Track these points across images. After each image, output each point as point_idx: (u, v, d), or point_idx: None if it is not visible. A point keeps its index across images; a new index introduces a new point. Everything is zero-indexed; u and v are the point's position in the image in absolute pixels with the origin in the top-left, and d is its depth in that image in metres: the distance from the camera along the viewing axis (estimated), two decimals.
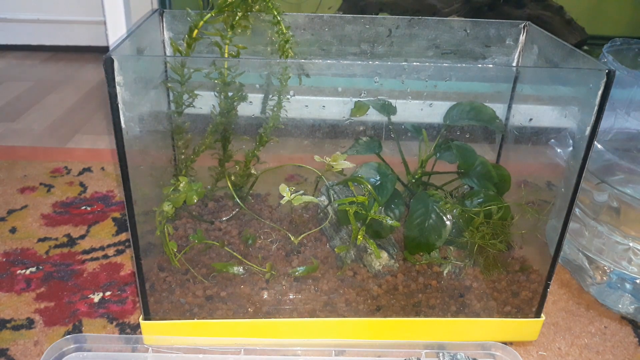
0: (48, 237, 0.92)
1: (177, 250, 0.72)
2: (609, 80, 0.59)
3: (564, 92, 0.72)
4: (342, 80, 0.64)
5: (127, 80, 0.57)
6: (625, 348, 0.75)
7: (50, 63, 1.75)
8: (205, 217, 0.82)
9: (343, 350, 0.70)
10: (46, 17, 1.77)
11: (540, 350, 0.73)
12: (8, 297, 0.79)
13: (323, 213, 0.81)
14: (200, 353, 0.69)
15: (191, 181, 0.70)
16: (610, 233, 0.79)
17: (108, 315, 0.77)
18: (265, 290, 0.72)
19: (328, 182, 0.78)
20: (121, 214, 0.99)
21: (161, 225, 0.69)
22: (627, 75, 0.77)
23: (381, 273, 0.73)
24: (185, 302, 0.70)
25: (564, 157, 0.75)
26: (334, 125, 0.72)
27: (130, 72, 0.58)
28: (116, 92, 0.55)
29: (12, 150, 1.20)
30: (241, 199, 0.81)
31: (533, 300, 0.72)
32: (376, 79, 0.64)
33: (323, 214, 0.81)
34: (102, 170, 1.13)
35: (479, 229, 0.72)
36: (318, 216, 0.81)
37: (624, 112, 0.81)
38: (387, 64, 0.66)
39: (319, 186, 0.80)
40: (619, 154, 0.80)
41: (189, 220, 0.80)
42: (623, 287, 0.79)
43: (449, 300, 0.73)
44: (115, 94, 0.55)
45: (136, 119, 0.62)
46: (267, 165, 0.79)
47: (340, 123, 0.72)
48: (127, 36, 0.63)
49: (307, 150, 0.73)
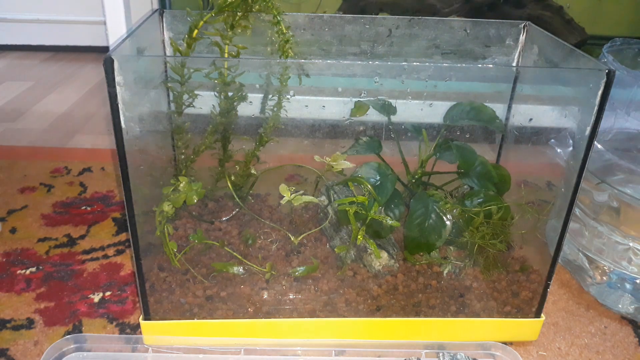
0: (48, 237, 0.92)
1: (177, 250, 0.72)
2: (608, 80, 0.59)
3: (564, 92, 0.72)
4: (342, 80, 0.64)
5: (127, 80, 0.57)
6: (625, 348, 0.75)
7: (51, 63, 1.75)
8: (205, 217, 0.82)
9: (343, 350, 0.70)
10: (46, 17, 1.78)
11: (540, 350, 0.73)
12: (8, 297, 0.79)
13: (323, 213, 0.81)
14: (200, 353, 0.69)
15: (191, 181, 0.70)
16: (610, 233, 0.79)
17: (108, 315, 0.77)
18: (265, 290, 0.72)
19: (328, 182, 0.78)
20: (121, 214, 0.99)
21: (161, 225, 0.69)
22: (627, 75, 0.77)
23: (381, 273, 0.73)
24: (185, 302, 0.70)
25: (564, 157, 0.75)
26: (334, 125, 0.72)
27: (130, 72, 0.58)
28: (116, 92, 0.55)
29: (12, 150, 1.20)
30: (241, 199, 0.81)
31: (533, 300, 0.72)
32: (376, 79, 0.64)
33: (323, 214, 0.81)
34: (102, 170, 1.13)
35: (479, 229, 0.72)
36: (318, 216, 0.81)
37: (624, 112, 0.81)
38: (387, 64, 0.66)
39: (319, 186, 0.80)
40: (619, 153, 0.80)
41: (189, 221, 0.80)
42: (623, 287, 0.79)
43: (449, 300, 0.73)
44: (115, 94, 0.55)
45: (136, 119, 0.62)
46: (267, 165, 0.79)
47: (340, 123, 0.72)
48: (127, 36, 0.63)
49: (307, 150, 0.73)
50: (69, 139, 1.27)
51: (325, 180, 0.77)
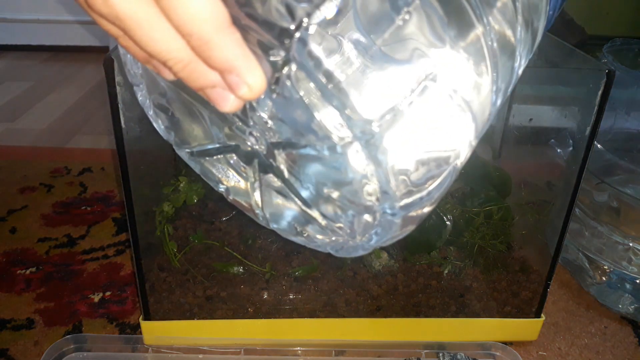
0: (48, 238, 0.92)
1: (177, 251, 0.72)
2: (609, 81, 0.59)
3: (564, 92, 0.72)
4: None
5: (127, 81, 0.57)
6: (625, 348, 0.75)
7: (50, 63, 1.75)
8: (205, 217, 0.82)
9: (343, 350, 0.70)
10: (46, 17, 1.77)
11: (540, 350, 0.73)
12: (8, 298, 0.79)
13: None
14: (201, 353, 0.69)
15: (191, 181, 0.70)
16: (610, 233, 0.79)
17: (108, 315, 0.77)
18: (265, 290, 0.72)
19: None
20: (121, 214, 0.99)
21: (161, 225, 0.69)
22: (627, 75, 0.77)
23: (381, 273, 0.72)
24: (185, 302, 0.70)
25: (564, 157, 0.75)
26: None
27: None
28: (116, 92, 0.55)
29: (12, 151, 1.20)
30: None
31: (533, 300, 0.72)
32: None
33: None
34: (102, 170, 1.13)
35: (479, 229, 0.72)
36: None
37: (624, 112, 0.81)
38: None
39: None
40: (619, 154, 0.80)
41: (188, 221, 0.80)
42: (623, 287, 0.79)
43: (449, 300, 0.73)
44: (115, 94, 0.55)
45: (136, 119, 0.62)
46: None
47: None
48: None
49: None
50: (69, 139, 1.26)
51: None
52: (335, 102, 0.30)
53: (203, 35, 0.29)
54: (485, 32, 0.33)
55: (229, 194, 0.46)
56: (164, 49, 0.30)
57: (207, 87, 0.32)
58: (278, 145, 0.38)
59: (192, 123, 0.43)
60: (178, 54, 0.30)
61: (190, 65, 0.30)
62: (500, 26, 0.35)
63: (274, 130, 0.37)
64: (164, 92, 0.43)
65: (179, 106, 0.43)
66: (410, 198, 0.34)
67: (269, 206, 0.44)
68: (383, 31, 0.30)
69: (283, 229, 0.45)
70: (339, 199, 0.37)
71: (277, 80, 0.31)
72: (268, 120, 0.36)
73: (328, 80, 0.29)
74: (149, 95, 0.44)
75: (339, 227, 0.40)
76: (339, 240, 0.41)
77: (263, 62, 0.31)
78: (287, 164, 0.38)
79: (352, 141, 0.32)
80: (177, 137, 0.46)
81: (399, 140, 0.31)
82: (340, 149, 0.33)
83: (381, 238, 0.38)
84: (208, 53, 0.29)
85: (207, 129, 0.43)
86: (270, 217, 0.44)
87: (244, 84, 0.30)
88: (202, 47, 0.29)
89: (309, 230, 0.42)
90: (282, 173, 0.39)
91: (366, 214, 0.36)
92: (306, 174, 0.38)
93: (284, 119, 0.35)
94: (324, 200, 0.38)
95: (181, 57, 0.30)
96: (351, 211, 0.37)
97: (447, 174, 0.34)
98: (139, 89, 0.44)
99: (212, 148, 0.44)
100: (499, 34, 0.34)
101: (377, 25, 0.30)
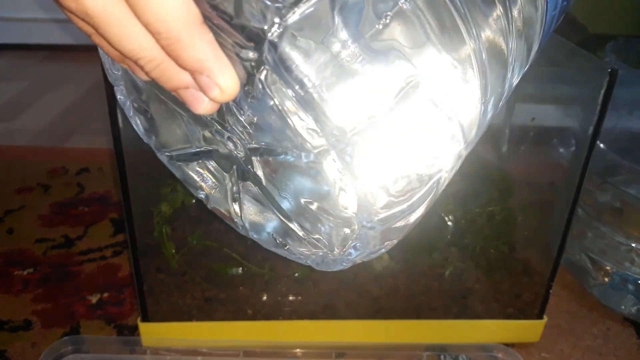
0: (45, 238, 0.91)
1: (175, 252, 0.71)
2: (611, 80, 0.58)
3: (567, 91, 0.72)
4: None
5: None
6: (628, 350, 0.74)
7: (48, 62, 1.74)
8: (203, 218, 0.81)
9: (343, 353, 0.69)
10: (44, 16, 1.77)
11: (542, 352, 0.73)
12: (5, 299, 0.78)
13: None
14: (199, 355, 0.68)
15: None
16: (613, 234, 0.78)
17: (106, 316, 0.76)
18: (264, 292, 0.71)
19: None
20: (119, 215, 0.98)
21: (159, 226, 0.69)
22: (631, 74, 0.77)
23: (382, 274, 0.72)
24: (183, 303, 0.70)
25: (566, 157, 0.74)
26: None
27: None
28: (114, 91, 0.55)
29: (9, 150, 1.20)
30: None
31: (535, 302, 0.72)
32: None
33: None
34: (99, 170, 1.12)
35: (482, 230, 0.72)
36: None
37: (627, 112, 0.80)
38: None
39: None
40: (622, 153, 0.80)
41: (187, 221, 0.79)
42: (626, 288, 0.79)
43: (450, 302, 0.72)
44: (112, 93, 0.55)
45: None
46: None
47: None
48: None
49: None
50: (67, 139, 1.26)
51: None
52: (309, 108, 0.28)
53: (172, 34, 0.28)
54: (473, 39, 0.32)
55: (209, 201, 0.45)
56: (134, 47, 0.29)
57: (180, 87, 0.31)
58: (256, 151, 0.36)
59: (171, 126, 0.42)
60: (149, 53, 0.29)
61: (162, 65, 0.29)
62: (491, 33, 0.33)
63: (251, 135, 0.35)
64: (142, 93, 0.42)
65: (157, 108, 0.42)
66: (389, 211, 0.32)
67: (248, 215, 0.42)
68: (362, 35, 0.28)
69: (263, 240, 0.43)
70: (317, 209, 0.36)
71: (251, 83, 0.30)
72: (245, 124, 0.34)
73: (301, 85, 0.27)
74: (129, 96, 0.43)
75: (317, 238, 0.38)
76: (318, 253, 0.39)
77: (237, 65, 0.30)
78: (265, 172, 0.37)
79: (327, 149, 0.30)
80: (157, 140, 0.45)
81: (377, 150, 0.29)
82: (315, 157, 0.31)
83: (361, 252, 0.36)
84: (178, 52, 0.28)
85: (186, 133, 0.42)
86: (249, 226, 0.43)
87: (215, 85, 0.29)
88: (172, 47, 0.28)
89: (288, 242, 0.41)
90: (261, 181, 0.38)
91: (344, 226, 0.35)
92: (284, 182, 0.36)
93: (261, 123, 0.33)
94: (302, 211, 0.37)
95: (153, 56, 0.29)
96: (329, 223, 0.36)
97: (429, 186, 0.32)
98: (118, 89, 0.43)
99: (191, 152, 0.43)
100: (489, 42, 0.33)
101: (356, 28, 0.28)
